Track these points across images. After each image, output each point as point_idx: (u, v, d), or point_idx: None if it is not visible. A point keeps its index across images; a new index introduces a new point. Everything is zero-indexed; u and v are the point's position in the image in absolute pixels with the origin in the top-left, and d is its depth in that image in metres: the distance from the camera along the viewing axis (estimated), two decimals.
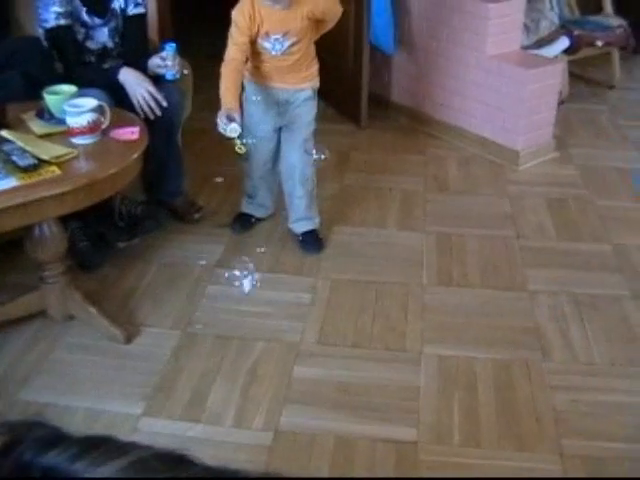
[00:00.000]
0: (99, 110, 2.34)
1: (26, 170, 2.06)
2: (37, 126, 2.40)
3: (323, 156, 3.01)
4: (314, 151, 2.99)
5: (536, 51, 3.98)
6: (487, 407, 2.24)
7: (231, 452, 2.12)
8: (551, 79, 3.73)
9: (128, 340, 2.54)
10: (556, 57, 4.08)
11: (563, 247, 3.09)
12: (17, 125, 2.40)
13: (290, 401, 2.29)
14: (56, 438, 1.09)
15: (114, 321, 2.57)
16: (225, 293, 2.79)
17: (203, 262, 2.94)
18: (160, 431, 2.19)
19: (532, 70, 3.62)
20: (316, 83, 2.86)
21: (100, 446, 1.08)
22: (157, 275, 2.91)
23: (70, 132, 2.27)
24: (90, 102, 2.34)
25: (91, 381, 2.39)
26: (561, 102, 4.02)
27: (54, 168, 2.10)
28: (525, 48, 3.93)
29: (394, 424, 2.19)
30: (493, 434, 2.15)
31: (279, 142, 2.93)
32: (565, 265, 2.96)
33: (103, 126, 2.33)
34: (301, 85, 2.81)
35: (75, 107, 2.31)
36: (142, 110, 2.73)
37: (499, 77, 3.66)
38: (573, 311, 2.68)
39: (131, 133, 2.32)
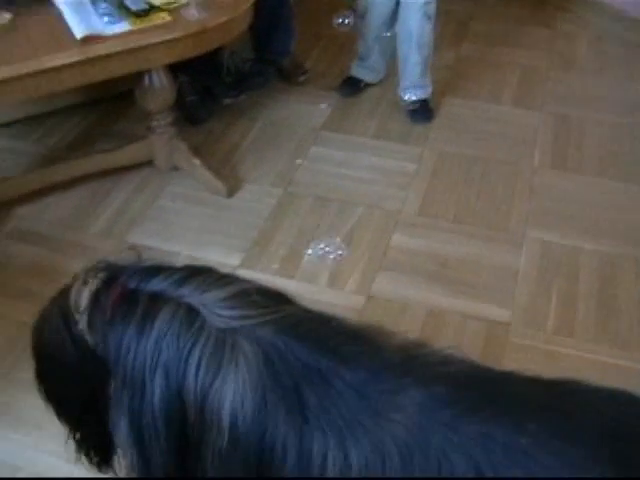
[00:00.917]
0: None
1: (138, 15, 2.02)
2: None
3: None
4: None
5: None
6: (587, 299, 2.16)
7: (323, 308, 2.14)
8: None
9: (230, 193, 2.57)
10: None
11: None
12: None
13: (385, 268, 2.28)
14: (158, 268, 1.11)
15: (217, 174, 2.60)
16: (327, 156, 2.75)
17: (324, 105, 2.88)
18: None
19: None
20: None
21: (202, 274, 1.10)
22: (261, 133, 2.89)
23: None
24: None
25: (193, 230, 2.45)
26: None
27: (164, 14, 2.06)
28: None
29: (488, 303, 2.15)
30: (589, 326, 2.07)
31: (399, 3, 2.77)
32: None
33: None
34: None
35: None
36: None
37: None
38: None
39: None
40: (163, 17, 2.05)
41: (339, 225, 2.44)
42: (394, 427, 0.87)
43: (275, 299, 1.05)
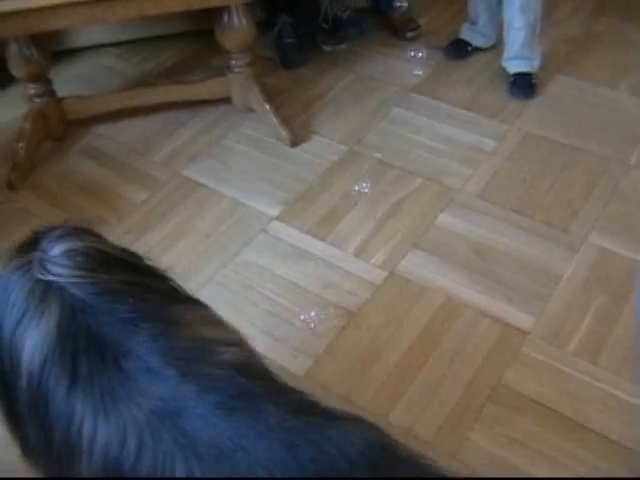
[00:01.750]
0: None
1: None
2: None
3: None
4: None
5: None
6: (626, 324, 1.89)
7: (339, 278, 2.07)
8: None
9: (294, 144, 2.53)
10: None
11: None
12: None
13: (419, 247, 2.15)
14: (67, 226, 1.13)
15: (286, 122, 2.56)
16: (407, 119, 2.61)
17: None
18: (284, 238, 2.20)
19: None
20: None
21: (77, 231, 1.10)
22: (350, 85, 2.79)
23: None
24: None
25: (246, 174, 2.44)
26: None
27: None
28: None
29: (514, 306, 1.96)
30: (617, 358, 1.82)
31: None
32: None
33: None
34: None
35: None
36: None
37: None
38: None
39: None
40: None
41: (390, 193, 2.33)
42: (138, 414, 0.83)
43: (107, 265, 1.01)
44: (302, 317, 1.96)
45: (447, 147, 2.49)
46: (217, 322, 1.00)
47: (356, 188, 2.35)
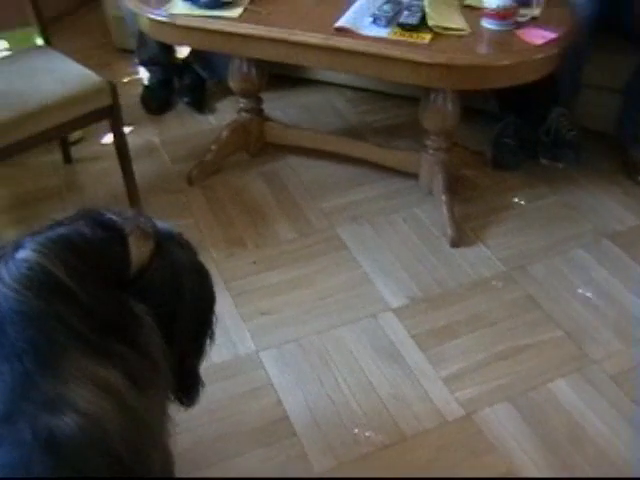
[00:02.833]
0: None
1: (402, 26, 1.97)
2: None
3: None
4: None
5: None
6: None
7: (413, 397, 1.93)
8: None
9: (454, 244, 2.41)
10: None
11: None
12: None
13: (513, 402, 1.92)
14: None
15: (457, 220, 2.45)
16: (585, 265, 2.35)
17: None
18: (387, 333, 2.11)
19: None
20: None
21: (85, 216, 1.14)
22: (546, 207, 2.59)
23: (483, 11, 2.05)
24: None
25: (392, 255, 2.39)
26: None
27: (426, 35, 1.96)
28: None
29: None
30: None
31: None
32: None
33: (520, 18, 2.03)
34: None
35: None
36: None
37: None
38: None
39: (541, 37, 1.97)
40: (423, 37, 1.96)
41: (519, 334, 2.12)
42: None
43: (44, 288, 1.01)
44: (353, 417, 1.87)
45: (609, 310, 2.20)
46: (105, 386, 0.96)
47: (489, 315, 2.18)
